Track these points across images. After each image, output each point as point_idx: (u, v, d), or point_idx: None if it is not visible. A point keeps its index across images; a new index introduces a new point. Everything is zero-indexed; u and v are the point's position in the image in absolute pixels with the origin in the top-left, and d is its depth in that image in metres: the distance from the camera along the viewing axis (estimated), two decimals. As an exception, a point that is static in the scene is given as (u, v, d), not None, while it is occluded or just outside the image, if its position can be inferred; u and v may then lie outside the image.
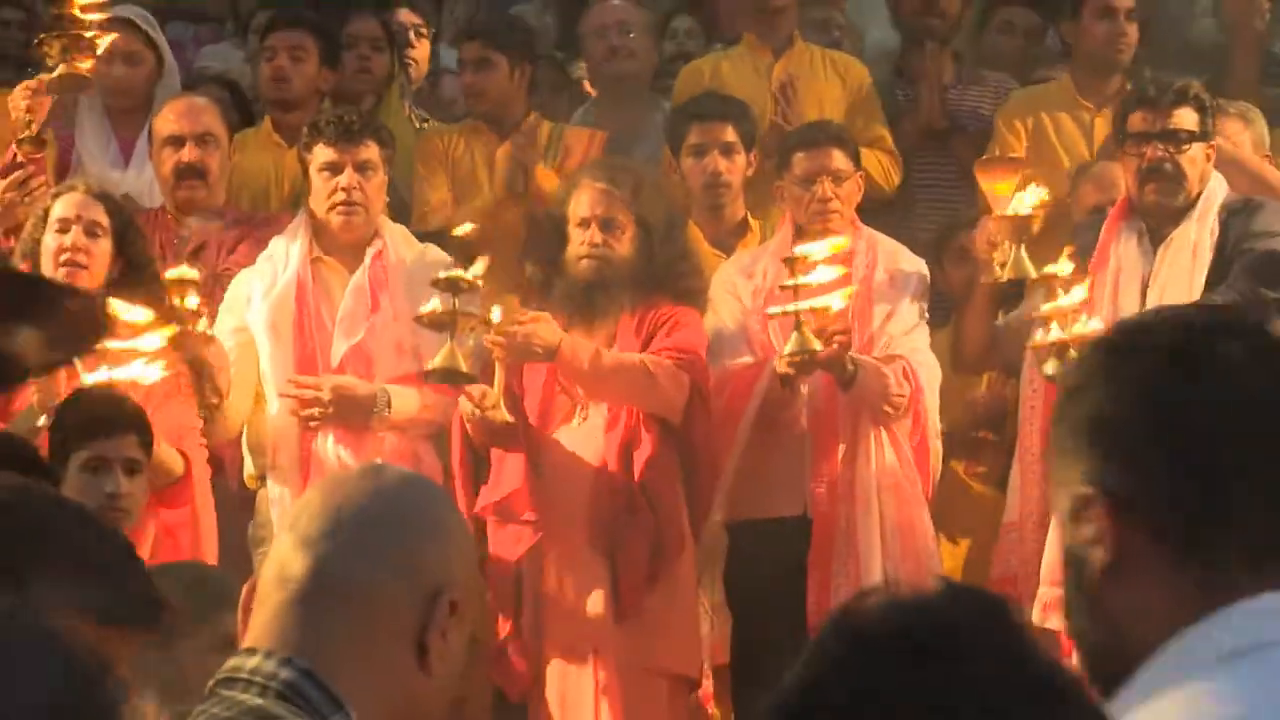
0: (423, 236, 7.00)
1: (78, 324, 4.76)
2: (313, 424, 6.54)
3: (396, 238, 6.82)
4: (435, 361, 6.32)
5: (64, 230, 6.32)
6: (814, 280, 6.43)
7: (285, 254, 6.72)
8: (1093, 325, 6.39)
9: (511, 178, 7.31)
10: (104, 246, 6.34)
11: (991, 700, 1.55)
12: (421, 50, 8.57)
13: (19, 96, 6.69)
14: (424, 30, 8.61)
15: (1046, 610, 6.36)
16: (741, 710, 6.47)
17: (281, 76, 7.69)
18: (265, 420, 6.67)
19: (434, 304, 6.24)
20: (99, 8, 6.58)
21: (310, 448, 6.58)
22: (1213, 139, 6.72)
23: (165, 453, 6.07)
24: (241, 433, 6.77)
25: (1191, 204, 6.64)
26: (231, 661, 2.56)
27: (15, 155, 6.74)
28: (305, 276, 6.70)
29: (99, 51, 6.53)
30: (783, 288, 6.55)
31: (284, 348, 6.64)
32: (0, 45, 8.36)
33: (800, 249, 6.57)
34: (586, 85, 8.61)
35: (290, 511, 2.76)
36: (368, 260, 6.72)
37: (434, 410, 6.68)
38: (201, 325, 6.40)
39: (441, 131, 7.96)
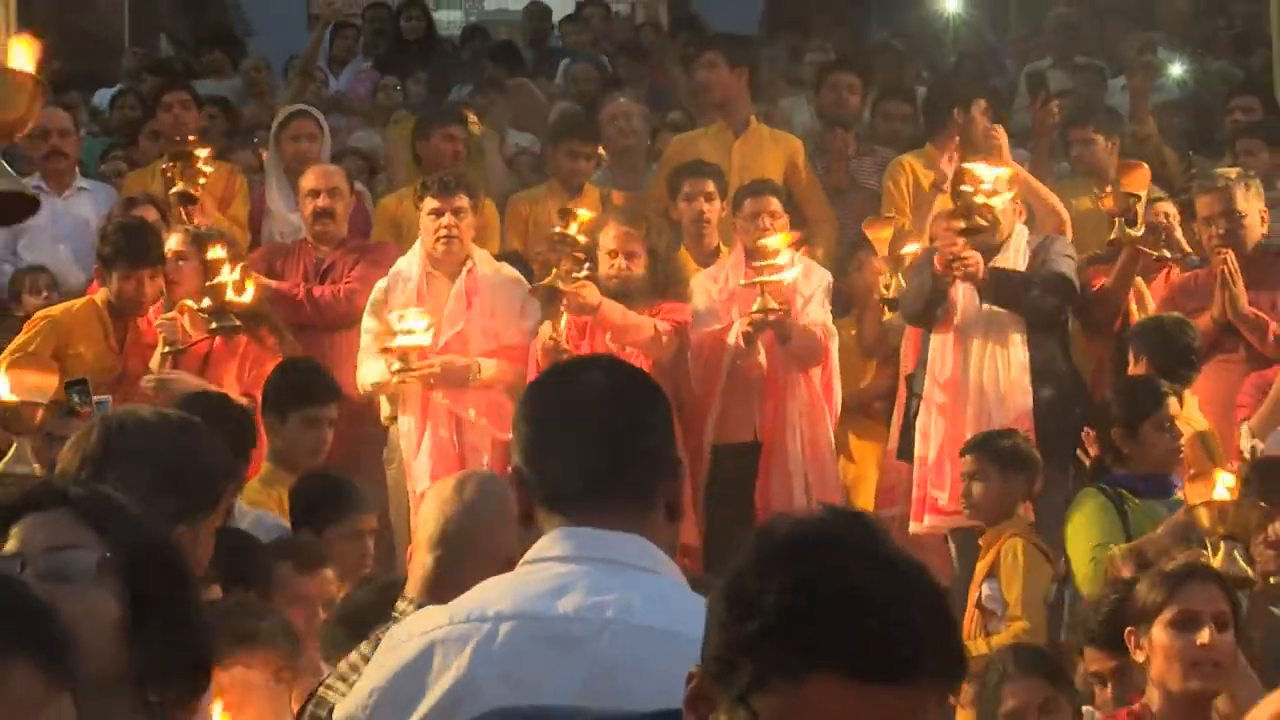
0: (499, 257, 8.28)
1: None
2: (431, 384, 7.66)
3: (481, 258, 7.92)
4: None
5: None
6: (775, 263, 7.53)
7: (409, 269, 7.91)
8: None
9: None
10: None
11: (852, 577, 1.82)
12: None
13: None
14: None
15: (913, 511, 7.56)
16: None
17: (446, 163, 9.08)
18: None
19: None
20: (201, 144, 8.35)
21: (428, 398, 7.71)
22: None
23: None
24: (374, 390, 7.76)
25: (1005, 240, 7.70)
26: (399, 605, 3.36)
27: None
28: (423, 287, 7.84)
29: (201, 181, 8.18)
30: (751, 266, 7.54)
31: (410, 333, 7.52)
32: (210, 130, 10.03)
33: (763, 240, 7.63)
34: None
35: (419, 516, 3.49)
36: (464, 274, 7.81)
37: (510, 374, 7.68)
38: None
39: (524, 197, 9.42)
